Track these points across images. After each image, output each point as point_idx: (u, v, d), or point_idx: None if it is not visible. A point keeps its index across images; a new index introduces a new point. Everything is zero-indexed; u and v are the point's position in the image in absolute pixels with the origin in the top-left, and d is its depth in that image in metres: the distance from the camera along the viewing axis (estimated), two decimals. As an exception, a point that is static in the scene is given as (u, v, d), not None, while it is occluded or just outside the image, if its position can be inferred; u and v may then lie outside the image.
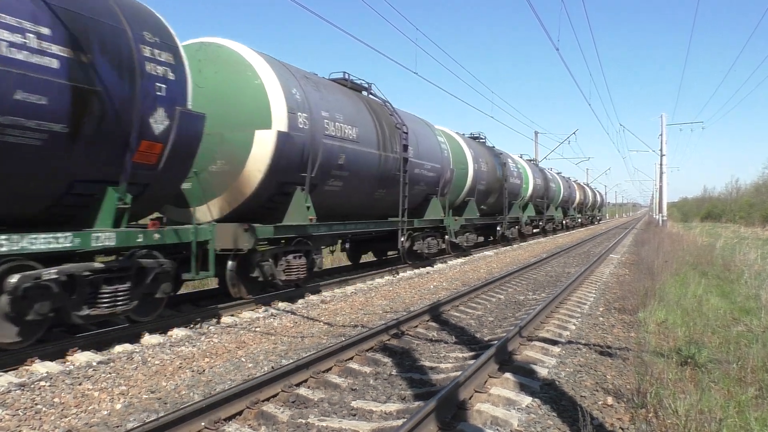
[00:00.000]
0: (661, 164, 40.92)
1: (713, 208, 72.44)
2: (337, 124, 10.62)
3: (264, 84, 9.19)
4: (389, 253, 16.38)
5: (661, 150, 40.41)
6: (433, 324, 8.21)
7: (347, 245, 15.43)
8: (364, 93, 13.20)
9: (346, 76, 12.48)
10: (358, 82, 12.99)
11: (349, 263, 16.00)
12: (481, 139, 22.51)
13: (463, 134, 20.46)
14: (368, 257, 16.90)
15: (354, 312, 9.02)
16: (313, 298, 10.03)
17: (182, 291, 9.39)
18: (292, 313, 8.69)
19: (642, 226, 49.42)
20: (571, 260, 18.28)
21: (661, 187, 42.37)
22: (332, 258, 16.67)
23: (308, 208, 9.93)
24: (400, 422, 4.30)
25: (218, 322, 7.94)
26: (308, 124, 9.75)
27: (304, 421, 4.50)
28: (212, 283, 11.34)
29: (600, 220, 70.46)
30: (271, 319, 8.17)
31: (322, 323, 8.14)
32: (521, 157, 29.63)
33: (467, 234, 18.80)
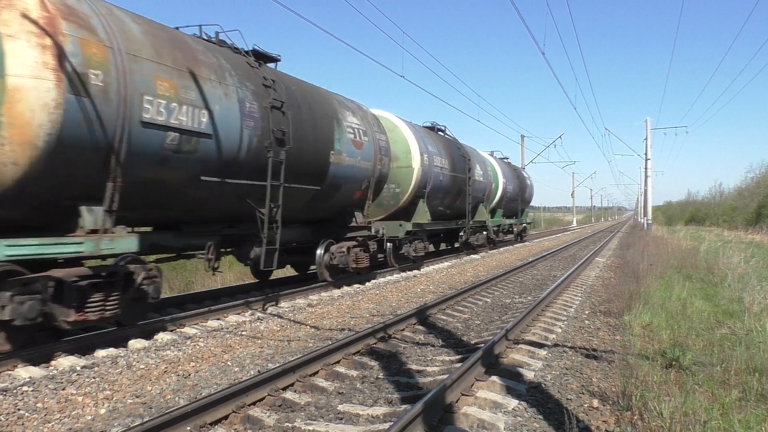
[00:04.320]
0: (646, 168, 41.36)
1: (697, 212, 73.17)
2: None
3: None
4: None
5: (645, 154, 40.86)
6: (420, 327, 8.21)
7: None
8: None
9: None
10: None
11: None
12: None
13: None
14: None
15: (341, 316, 9.00)
16: (299, 301, 9.99)
17: (166, 295, 9.30)
18: (279, 316, 8.65)
19: (627, 230, 49.84)
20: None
21: (645, 190, 42.80)
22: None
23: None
24: (386, 426, 4.29)
25: (205, 325, 7.89)
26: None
27: (290, 425, 4.48)
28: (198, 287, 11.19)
29: (521, 236, 30.77)
30: (258, 323, 8.13)
31: (308, 327, 8.11)
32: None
33: None
